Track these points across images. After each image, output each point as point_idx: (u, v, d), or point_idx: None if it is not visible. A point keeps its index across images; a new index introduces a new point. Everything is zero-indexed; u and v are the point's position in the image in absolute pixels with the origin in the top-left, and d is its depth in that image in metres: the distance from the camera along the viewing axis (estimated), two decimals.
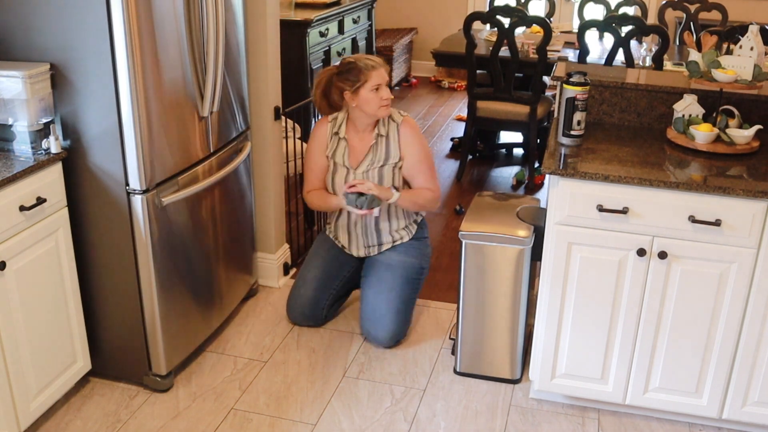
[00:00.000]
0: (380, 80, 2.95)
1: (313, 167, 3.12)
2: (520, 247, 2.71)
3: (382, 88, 2.96)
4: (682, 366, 2.55)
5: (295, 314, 3.21)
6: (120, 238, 2.58)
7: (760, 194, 2.28)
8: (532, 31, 5.31)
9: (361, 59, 2.98)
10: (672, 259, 2.42)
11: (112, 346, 2.77)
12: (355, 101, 2.96)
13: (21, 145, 2.41)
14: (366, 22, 6.23)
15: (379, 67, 2.97)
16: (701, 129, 2.59)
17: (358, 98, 2.95)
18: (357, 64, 2.95)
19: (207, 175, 2.83)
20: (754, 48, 2.60)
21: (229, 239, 3.09)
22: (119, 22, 2.30)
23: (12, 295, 2.32)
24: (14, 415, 2.39)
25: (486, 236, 2.73)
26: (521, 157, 5.39)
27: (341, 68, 2.99)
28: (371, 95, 2.94)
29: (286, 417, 2.70)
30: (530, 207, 2.92)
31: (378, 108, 2.97)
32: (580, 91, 2.62)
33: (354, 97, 2.96)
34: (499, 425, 2.69)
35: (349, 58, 3.01)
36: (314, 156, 3.11)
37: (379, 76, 2.95)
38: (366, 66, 2.94)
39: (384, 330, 3.03)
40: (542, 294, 2.58)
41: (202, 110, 2.74)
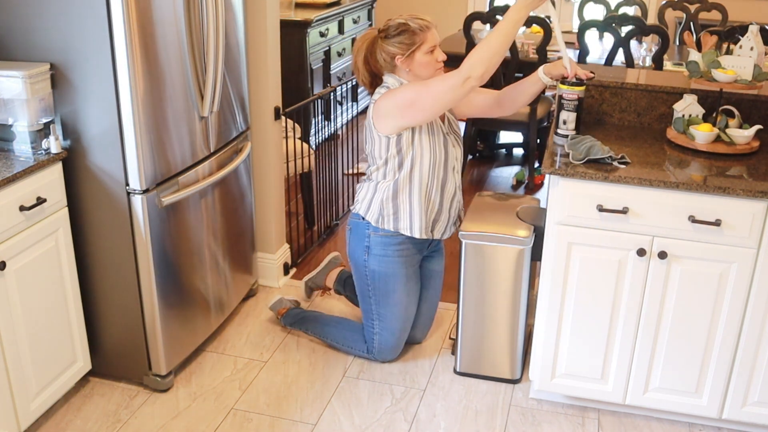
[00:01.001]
0: (435, 41, 2.68)
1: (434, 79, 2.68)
2: (520, 247, 2.71)
3: (437, 50, 2.70)
4: (682, 366, 2.55)
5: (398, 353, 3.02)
6: (120, 238, 2.58)
7: (760, 194, 2.28)
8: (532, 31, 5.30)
9: (409, 19, 2.67)
10: (672, 259, 2.42)
11: (112, 346, 2.77)
12: (408, 65, 2.69)
13: (21, 145, 2.41)
14: (366, 22, 6.23)
15: (432, 26, 2.69)
16: (701, 129, 2.59)
17: (413, 62, 2.68)
18: (409, 25, 2.65)
19: (207, 175, 2.83)
20: (754, 48, 2.60)
21: (229, 239, 3.09)
22: (119, 22, 2.30)
23: (12, 295, 2.32)
24: (14, 415, 2.39)
25: (486, 236, 2.73)
26: (521, 157, 5.39)
27: (389, 31, 2.68)
28: (427, 58, 2.67)
29: (286, 417, 2.70)
30: (530, 207, 2.92)
31: (435, 71, 2.71)
32: (566, 90, 2.63)
33: (408, 61, 2.68)
34: (499, 425, 2.69)
35: (396, 19, 2.70)
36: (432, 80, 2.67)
37: (433, 37, 2.68)
38: (420, 27, 2.65)
39: (427, 331, 3.17)
40: (542, 294, 2.59)
41: (202, 110, 2.74)
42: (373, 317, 2.94)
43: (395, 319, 2.91)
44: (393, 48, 2.67)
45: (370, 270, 2.88)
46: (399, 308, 2.91)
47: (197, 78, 2.69)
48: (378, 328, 2.94)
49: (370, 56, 2.74)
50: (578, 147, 2.49)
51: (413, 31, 2.65)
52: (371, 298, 2.93)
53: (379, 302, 2.91)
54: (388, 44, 2.68)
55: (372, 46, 2.73)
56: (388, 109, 2.68)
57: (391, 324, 2.92)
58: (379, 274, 2.87)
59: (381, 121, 2.70)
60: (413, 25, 2.65)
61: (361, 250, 2.87)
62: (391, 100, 2.67)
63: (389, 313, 2.91)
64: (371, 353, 2.99)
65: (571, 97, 2.64)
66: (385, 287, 2.88)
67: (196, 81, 2.69)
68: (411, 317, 2.98)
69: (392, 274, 2.86)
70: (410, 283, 2.92)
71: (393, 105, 2.66)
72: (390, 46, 2.68)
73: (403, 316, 2.93)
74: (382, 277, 2.87)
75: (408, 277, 2.90)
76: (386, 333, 2.93)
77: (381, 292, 2.89)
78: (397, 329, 2.93)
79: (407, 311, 2.94)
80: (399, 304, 2.90)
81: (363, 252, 2.87)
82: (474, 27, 4.56)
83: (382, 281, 2.88)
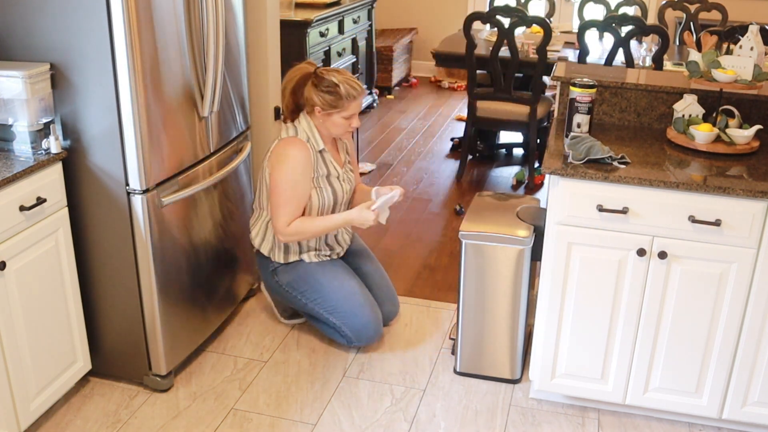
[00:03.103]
0: (356, 110, 2.84)
1: (300, 196, 2.83)
2: (520, 247, 2.71)
3: (354, 118, 2.85)
4: (682, 366, 2.55)
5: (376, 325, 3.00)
6: (120, 238, 2.58)
7: (760, 194, 2.28)
8: (532, 31, 5.31)
9: (343, 83, 2.78)
10: (672, 259, 2.42)
11: (112, 346, 2.77)
12: (322, 119, 2.83)
13: (21, 145, 2.41)
14: (366, 22, 6.23)
15: (359, 96, 2.82)
16: (701, 129, 2.59)
17: (328, 119, 2.83)
18: (339, 90, 2.77)
19: (207, 175, 2.83)
20: (754, 48, 2.60)
21: (229, 239, 3.09)
22: (119, 22, 2.30)
23: (12, 295, 2.32)
24: (14, 415, 2.39)
25: (486, 236, 2.73)
26: (521, 157, 5.39)
27: (321, 84, 2.79)
28: (342, 122, 2.83)
29: (286, 417, 2.70)
30: (530, 207, 2.92)
31: (343, 133, 2.89)
32: (579, 92, 2.62)
33: (325, 116, 2.82)
34: (499, 425, 2.69)
35: (331, 76, 2.79)
36: (303, 185, 2.83)
37: (357, 106, 2.83)
38: (348, 95, 2.78)
39: (396, 301, 3.23)
40: (542, 294, 2.58)
41: (202, 110, 2.74)
42: (326, 316, 2.97)
43: (342, 301, 2.93)
44: (317, 99, 2.80)
45: (286, 283, 2.99)
46: (337, 291, 2.94)
47: (197, 78, 2.69)
48: (337, 320, 2.96)
49: (298, 89, 2.86)
50: (578, 147, 2.49)
51: (340, 96, 2.78)
52: (308, 304, 2.98)
53: (317, 301, 2.96)
54: (315, 94, 2.80)
55: (302, 82, 2.84)
56: (271, 165, 2.86)
57: (343, 308, 2.94)
58: (294, 280, 2.97)
59: (270, 162, 2.87)
60: (343, 90, 2.78)
61: (269, 276, 3.03)
62: (274, 164, 2.84)
63: (334, 302, 2.94)
64: (352, 342, 3.01)
65: (584, 99, 2.62)
66: (309, 285, 2.95)
67: (196, 81, 2.69)
68: (358, 290, 2.98)
69: (305, 271, 2.96)
70: (327, 265, 2.99)
71: (272, 167, 2.85)
72: (315, 96, 2.80)
73: (348, 295, 2.94)
74: (299, 281, 2.96)
75: (322, 264, 2.99)
76: (348, 318, 2.94)
77: (310, 291, 2.95)
78: (353, 308, 2.94)
79: (347, 287, 2.96)
80: (333, 288, 2.94)
81: (271, 276, 3.02)
82: (474, 27, 4.56)
83: (302, 283, 2.95)
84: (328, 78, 2.79)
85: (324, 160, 2.90)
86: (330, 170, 2.92)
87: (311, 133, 2.86)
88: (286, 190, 2.81)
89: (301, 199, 2.84)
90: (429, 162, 5.25)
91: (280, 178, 2.81)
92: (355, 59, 6.03)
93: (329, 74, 2.80)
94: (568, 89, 2.71)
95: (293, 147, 2.83)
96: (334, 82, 2.77)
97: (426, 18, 7.37)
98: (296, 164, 2.81)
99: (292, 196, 2.82)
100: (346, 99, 2.79)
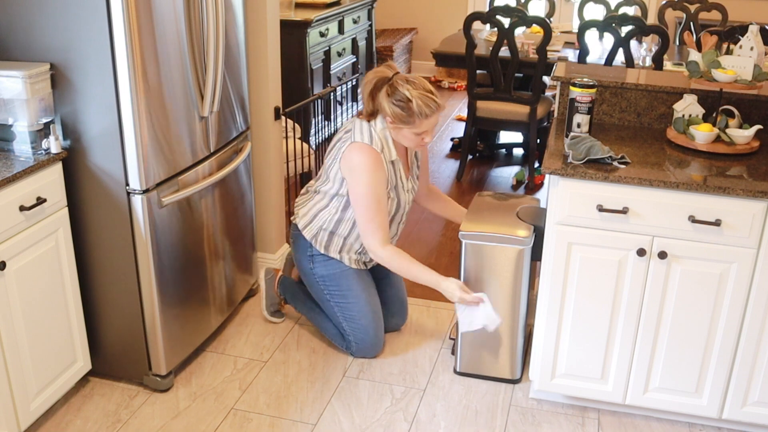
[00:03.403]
0: (429, 127, 2.70)
1: (384, 209, 2.75)
2: (520, 247, 2.71)
3: (427, 134, 2.73)
4: (682, 366, 2.55)
5: (379, 347, 3.01)
6: (120, 238, 2.58)
7: (760, 194, 2.28)
8: (532, 31, 5.31)
9: (417, 98, 2.63)
10: (672, 259, 2.42)
11: (112, 346, 2.77)
12: (395, 130, 2.72)
13: (21, 145, 2.41)
14: (366, 22, 6.23)
15: (433, 113, 2.68)
16: (701, 129, 2.59)
17: (399, 132, 2.72)
18: (411, 106, 2.63)
19: (207, 175, 2.83)
20: (754, 48, 2.60)
21: (229, 239, 3.09)
22: (119, 22, 2.30)
23: (12, 295, 2.32)
24: (14, 415, 2.39)
25: (486, 236, 2.73)
26: (521, 157, 5.39)
27: (395, 95, 2.65)
28: (413, 136, 2.72)
29: (286, 417, 2.70)
30: (530, 207, 2.92)
31: (416, 147, 2.79)
32: (579, 92, 2.62)
33: (395, 127, 2.71)
34: (499, 425, 2.69)
35: (406, 89, 2.64)
36: (384, 196, 2.74)
37: (430, 123, 2.69)
38: (420, 113, 2.64)
39: (405, 315, 3.21)
40: (542, 294, 2.58)
41: (202, 110, 2.74)
42: (340, 320, 2.96)
43: (362, 316, 2.93)
44: (389, 109, 2.67)
45: (320, 275, 2.95)
46: (361, 304, 2.92)
47: (197, 78, 2.69)
48: (349, 329, 2.95)
49: (375, 93, 2.72)
50: (578, 147, 2.49)
51: (412, 112, 2.65)
52: (330, 301, 2.97)
53: (340, 304, 2.94)
54: (387, 104, 2.67)
55: (379, 86, 2.70)
56: (345, 171, 2.75)
57: (359, 322, 2.93)
58: (329, 277, 2.93)
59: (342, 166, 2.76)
60: (415, 107, 2.63)
61: (306, 259, 2.96)
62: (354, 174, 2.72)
63: (354, 312, 2.93)
64: (350, 351, 3.00)
65: (585, 99, 2.62)
66: (339, 287, 2.93)
67: (196, 81, 2.69)
68: (377, 310, 2.97)
69: (341, 273, 2.92)
70: (363, 276, 2.97)
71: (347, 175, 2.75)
72: (387, 106, 2.67)
73: (368, 311, 2.94)
74: (333, 279, 2.93)
75: (358, 271, 2.96)
76: (359, 332, 2.94)
77: (337, 293, 2.94)
78: (367, 326, 2.94)
79: (371, 305, 2.94)
80: (360, 300, 2.92)
81: (308, 261, 2.96)
82: (474, 27, 4.56)
83: (335, 282, 2.93)
84: (401, 90, 2.65)
85: (395, 170, 2.82)
86: (398, 181, 2.84)
87: (386, 142, 2.75)
88: (371, 204, 2.71)
89: (386, 211, 2.78)
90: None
91: (363, 192, 2.71)
92: (355, 59, 6.03)
93: (404, 86, 2.66)
94: (568, 89, 2.72)
95: (370, 158, 2.70)
96: (407, 96, 2.63)
97: (426, 18, 7.37)
98: (378, 179, 2.71)
99: (378, 210, 2.73)
100: (418, 116, 2.65)
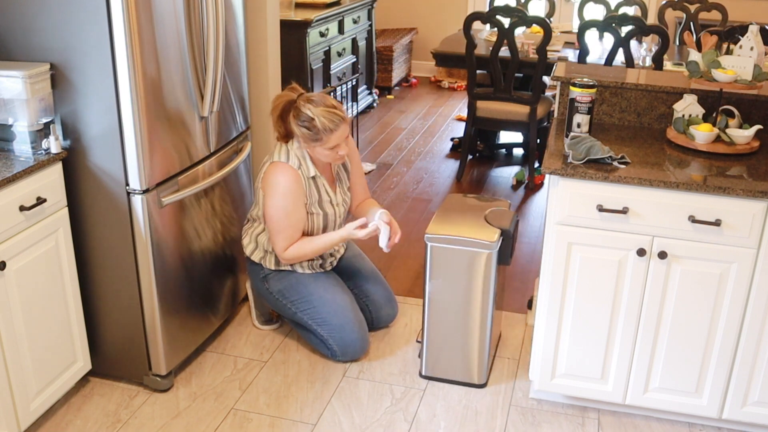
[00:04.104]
0: (339, 140, 2.73)
1: (295, 223, 2.81)
2: (486, 251, 2.69)
3: (340, 146, 2.76)
4: (682, 366, 2.55)
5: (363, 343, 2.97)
6: (120, 238, 2.58)
7: (760, 194, 2.28)
8: (532, 31, 5.31)
9: (320, 116, 2.67)
10: (672, 259, 2.42)
11: (112, 346, 2.77)
12: (308, 149, 2.79)
13: (21, 145, 2.41)
14: (366, 22, 6.23)
15: (338, 127, 2.70)
16: (701, 129, 2.59)
17: (313, 150, 2.78)
18: (315, 124, 2.68)
19: (207, 175, 2.83)
20: (754, 48, 2.60)
21: (229, 239, 3.09)
22: (119, 22, 2.30)
23: (12, 295, 2.32)
24: (14, 415, 2.39)
25: (451, 239, 2.70)
26: (521, 157, 5.39)
27: (299, 117, 2.71)
28: (327, 152, 2.76)
29: (286, 417, 2.70)
30: (499, 210, 2.88)
31: (333, 161, 2.83)
32: (579, 92, 2.62)
33: (308, 146, 2.77)
34: (499, 425, 2.69)
35: (308, 108, 2.69)
36: (296, 212, 2.80)
37: (339, 136, 2.72)
38: (325, 129, 2.68)
39: (394, 303, 3.21)
40: (542, 294, 2.58)
41: (202, 110, 2.74)
42: (314, 327, 2.94)
43: (332, 316, 2.90)
44: (297, 131, 2.74)
45: (277, 291, 2.95)
46: (328, 305, 2.90)
47: (197, 78, 2.69)
48: (325, 333, 2.93)
49: (284, 117, 2.78)
50: (578, 147, 2.49)
51: (318, 130, 2.69)
52: (297, 313, 2.95)
53: (307, 311, 2.93)
54: (295, 126, 2.74)
55: (287, 109, 2.76)
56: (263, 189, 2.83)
57: (332, 323, 2.90)
58: (286, 289, 2.94)
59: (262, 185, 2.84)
60: (319, 125, 2.68)
61: (260, 282, 2.99)
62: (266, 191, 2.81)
63: (324, 315, 2.91)
64: (336, 356, 2.97)
65: (585, 99, 2.62)
66: (300, 295, 2.92)
67: (196, 81, 2.69)
68: (348, 306, 2.94)
69: (297, 281, 2.93)
70: (322, 278, 2.97)
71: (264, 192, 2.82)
72: (295, 128, 2.74)
73: (337, 310, 2.91)
74: (291, 289, 2.93)
75: (315, 275, 2.96)
76: (336, 333, 2.91)
77: (301, 301, 2.92)
78: (342, 324, 2.90)
79: (338, 303, 2.92)
80: (324, 301, 2.91)
81: (262, 283, 2.98)
82: (474, 27, 4.56)
83: (293, 292, 2.93)
84: (304, 111, 2.70)
85: (316, 186, 2.86)
86: (322, 195, 2.88)
87: (303, 159, 2.81)
88: (281, 218, 2.79)
89: (297, 225, 2.83)
90: (429, 162, 5.25)
91: (274, 206, 2.79)
92: (355, 59, 6.03)
93: (306, 106, 2.70)
94: (568, 89, 2.72)
95: (284, 175, 2.77)
96: (310, 115, 2.68)
97: (426, 18, 7.37)
98: (287, 193, 2.77)
99: (287, 224, 2.80)
100: (324, 132, 2.69)
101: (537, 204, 4.60)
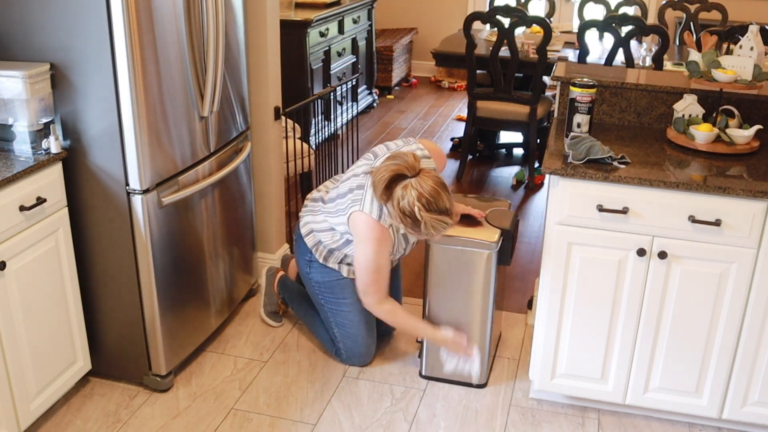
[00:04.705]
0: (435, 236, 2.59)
1: (385, 277, 2.72)
2: (487, 252, 2.69)
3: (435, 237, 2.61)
4: (682, 366, 2.55)
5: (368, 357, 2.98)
6: (120, 238, 2.58)
7: (760, 194, 2.28)
8: (532, 31, 5.31)
9: (428, 222, 2.47)
10: (672, 259, 2.42)
11: (112, 346, 2.77)
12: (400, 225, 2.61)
13: (21, 145, 2.41)
14: (366, 22, 6.23)
15: (443, 229, 2.53)
16: (701, 129, 2.59)
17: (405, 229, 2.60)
18: (420, 226, 2.49)
19: (207, 175, 2.83)
20: (754, 48, 2.60)
21: (229, 239, 3.09)
22: (119, 22, 2.30)
23: (12, 295, 2.32)
24: (14, 415, 2.39)
25: (452, 239, 2.70)
26: (521, 157, 5.39)
27: (404, 207, 2.48)
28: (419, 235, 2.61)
29: (286, 417, 2.70)
30: (499, 210, 2.88)
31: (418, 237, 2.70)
32: (579, 92, 2.62)
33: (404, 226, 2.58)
34: (499, 425, 2.69)
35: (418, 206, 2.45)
36: (387, 267, 2.71)
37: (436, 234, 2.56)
38: (428, 232, 2.51)
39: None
40: (542, 294, 2.58)
41: (202, 110, 2.74)
42: (332, 325, 2.95)
43: (353, 325, 2.91)
44: (397, 214, 2.53)
45: (315, 281, 2.92)
46: (354, 314, 2.90)
47: (197, 78, 2.69)
48: (339, 335, 2.94)
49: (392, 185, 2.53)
50: (578, 147, 2.49)
51: (420, 230, 2.52)
52: (324, 306, 2.95)
53: (333, 310, 2.92)
54: (398, 208, 2.52)
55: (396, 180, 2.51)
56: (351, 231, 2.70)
57: (350, 331, 2.92)
58: (324, 284, 2.91)
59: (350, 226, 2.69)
60: (424, 228, 2.50)
61: (304, 263, 2.94)
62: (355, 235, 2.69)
63: (346, 321, 2.91)
64: (340, 357, 2.98)
65: (585, 99, 2.62)
66: (335, 295, 2.90)
67: (196, 81, 2.69)
68: (370, 321, 2.94)
69: (337, 282, 2.89)
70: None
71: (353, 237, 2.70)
72: (397, 211, 2.52)
73: (360, 321, 2.91)
74: (328, 286, 2.90)
75: (353, 282, 2.88)
76: (348, 341, 2.93)
77: (332, 300, 2.91)
78: (357, 335, 2.92)
79: (363, 315, 2.90)
80: (353, 310, 2.89)
81: (306, 265, 2.93)
82: (474, 27, 4.56)
83: (330, 290, 2.90)
84: (412, 210, 2.47)
85: (405, 238, 2.75)
86: (409, 240, 2.78)
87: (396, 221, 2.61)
88: (372, 272, 2.68)
89: (386, 276, 2.73)
90: None
91: (367, 261, 2.67)
92: (355, 59, 6.03)
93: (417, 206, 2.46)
94: (568, 89, 2.72)
95: (377, 234, 2.63)
96: (417, 218, 2.48)
97: (426, 18, 7.37)
98: (382, 252, 2.66)
99: (378, 278, 2.70)
100: (425, 233, 2.54)
101: (537, 204, 4.60)
